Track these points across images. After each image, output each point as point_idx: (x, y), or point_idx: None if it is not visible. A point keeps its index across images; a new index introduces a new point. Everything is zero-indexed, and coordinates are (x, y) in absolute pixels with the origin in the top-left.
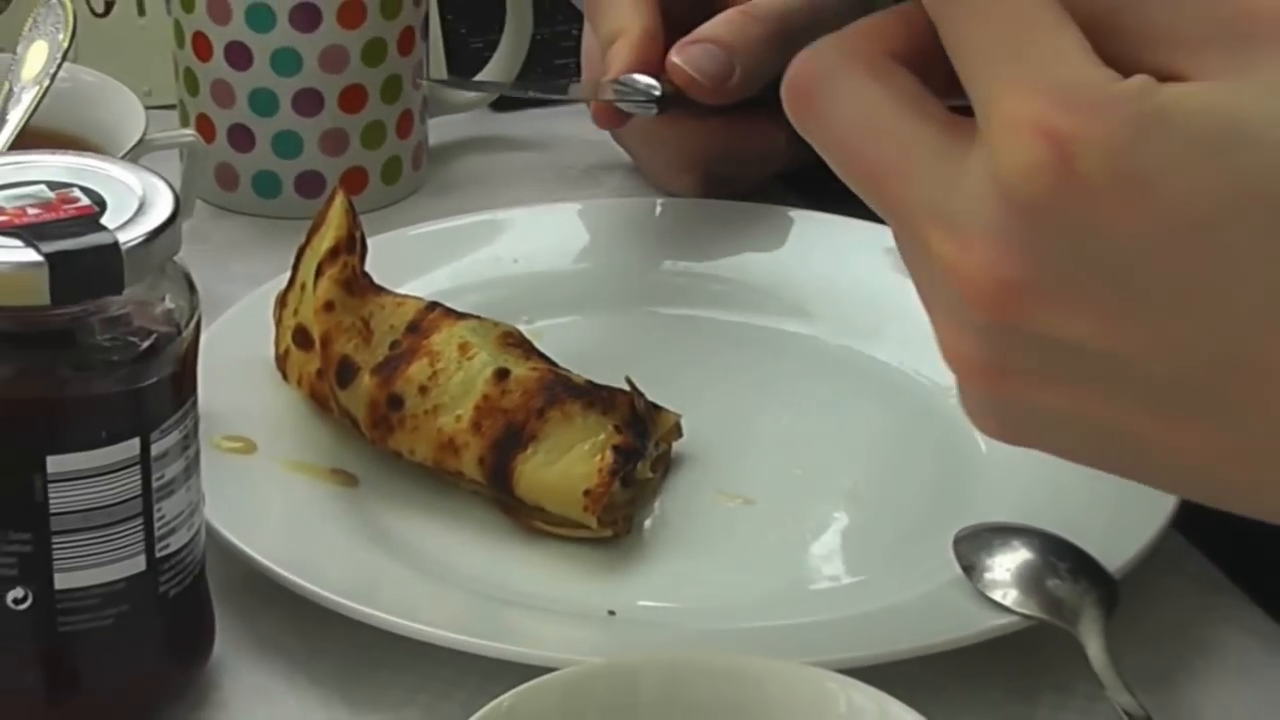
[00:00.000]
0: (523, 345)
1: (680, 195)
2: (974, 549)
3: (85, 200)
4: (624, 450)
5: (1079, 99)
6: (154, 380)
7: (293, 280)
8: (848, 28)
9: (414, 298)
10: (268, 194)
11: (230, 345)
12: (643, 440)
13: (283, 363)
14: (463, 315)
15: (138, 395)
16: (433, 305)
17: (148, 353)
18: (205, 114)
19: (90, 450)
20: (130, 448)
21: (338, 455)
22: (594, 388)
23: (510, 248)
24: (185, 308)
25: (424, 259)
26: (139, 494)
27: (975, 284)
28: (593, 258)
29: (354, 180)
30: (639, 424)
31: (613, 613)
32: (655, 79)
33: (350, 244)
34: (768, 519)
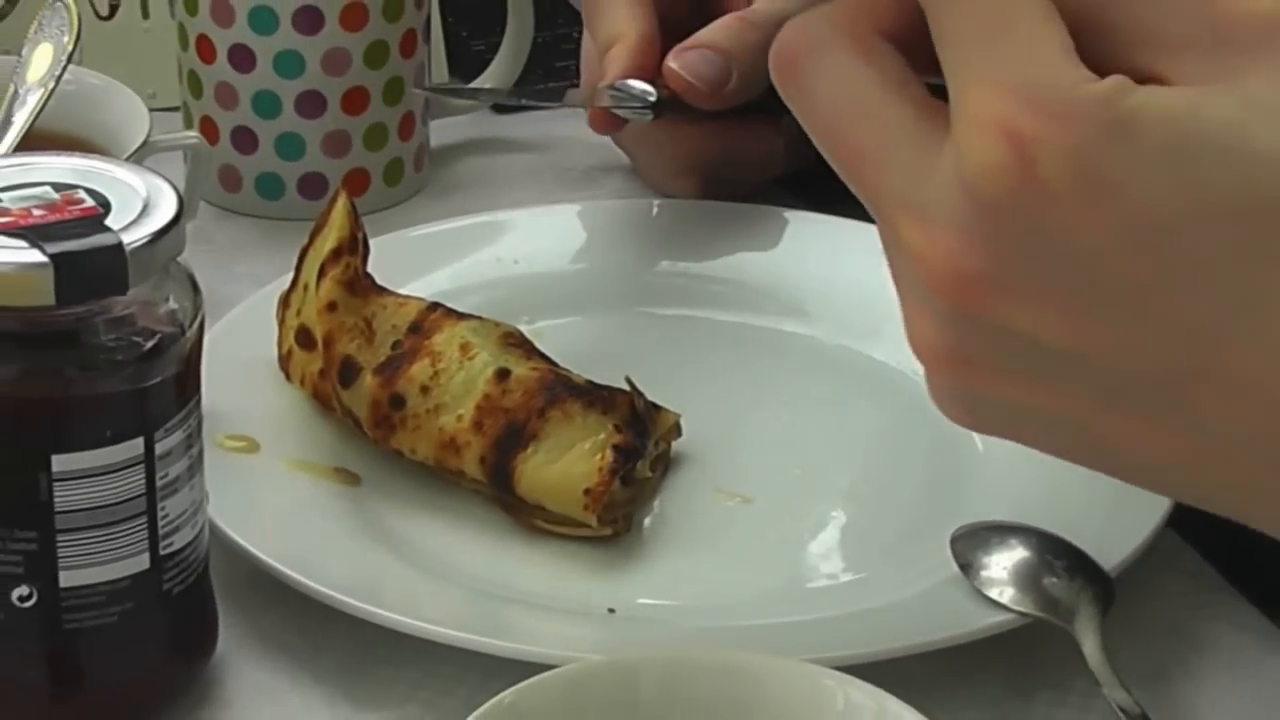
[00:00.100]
0: (523, 345)
1: (679, 198)
2: (971, 547)
3: (90, 202)
4: (624, 449)
5: (1046, 100)
6: (158, 380)
7: (296, 281)
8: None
9: (416, 298)
10: (271, 195)
11: (233, 345)
12: (642, 439)
13: (286, 363)
14: (464, 315)
15: (142, 395)
16: (434, 306)
17: (152, 353)
18: (209, 116)
19: (95, 449)
20: (134, 447)
21: (340, 454)
22: (594, 387)
23: (511, 249)
24: (189, 308)
25: (425, 260)
26: (143, 493)
27: (938, 272)
28: (592, 259)
29: (356, 182)
30: (639, 423)
31: (613, 610)
32: (651, 85)
33: (352, 245)
34: (766, 517)
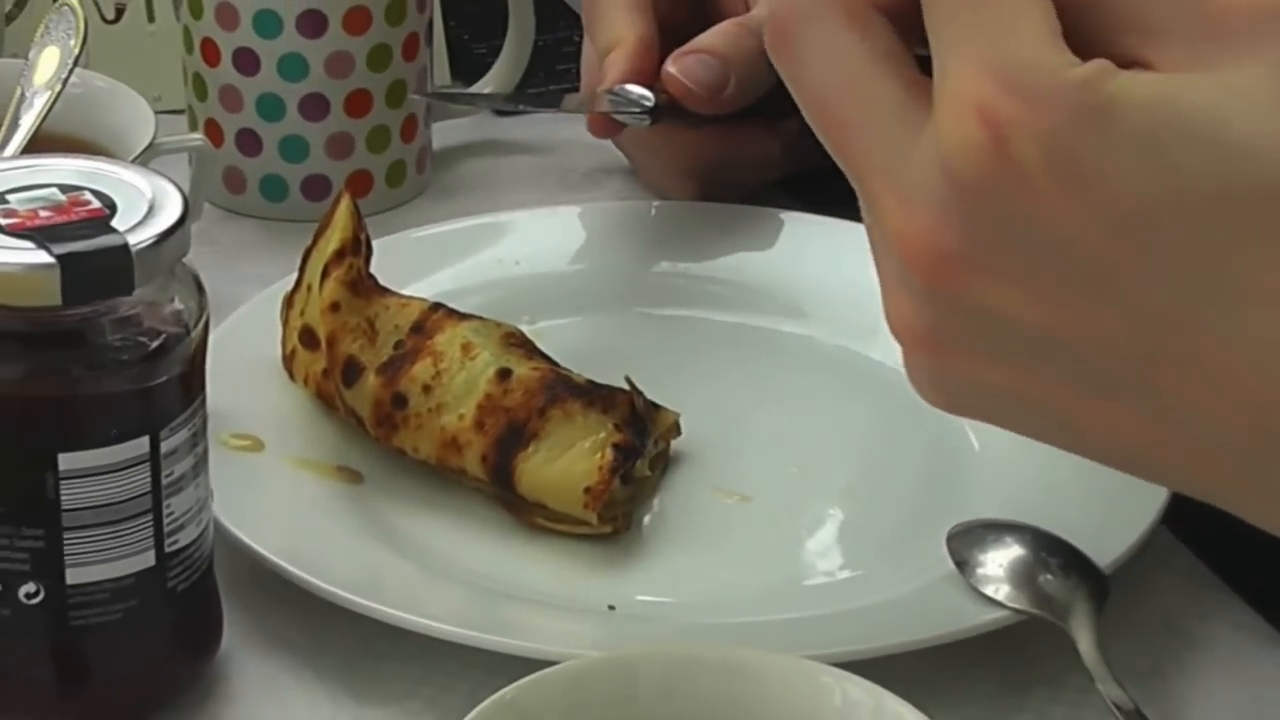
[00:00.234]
0: (524, 345)
1: (678, 200)
2: (967, 545)
3: (96, 203)
4: (624, 448)
5: (1024, 83)
6: (163, 379)
7: (299, 281)
8: None
9: (418, 299)
10: (275, 197)
11: (238, 345)
12: (642, 438)
13: (289, 362)
14: (466, 316)
15: (147, 394)
16: (436, 306)
17: (157, 352)
18: (214, 119)
19: (101, 448)
20: (140, 445)
21: (343, 453)
22: (594, 387)
23: (512, 250)
24: (194, 308)
25: (428, 261)
26: (148, 491)
27: (915, 249)
28: (592, 259)
29: (359, 183)
30: (638, 422)
31: (612, 607)
32: (649, 89)
33: (355, 246)
34: (764, 516)
